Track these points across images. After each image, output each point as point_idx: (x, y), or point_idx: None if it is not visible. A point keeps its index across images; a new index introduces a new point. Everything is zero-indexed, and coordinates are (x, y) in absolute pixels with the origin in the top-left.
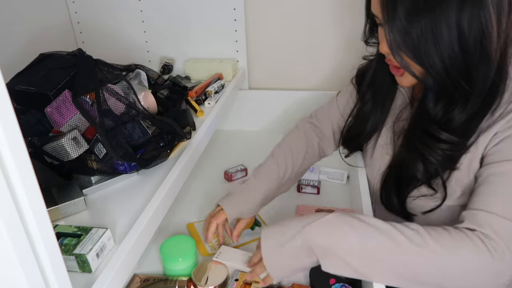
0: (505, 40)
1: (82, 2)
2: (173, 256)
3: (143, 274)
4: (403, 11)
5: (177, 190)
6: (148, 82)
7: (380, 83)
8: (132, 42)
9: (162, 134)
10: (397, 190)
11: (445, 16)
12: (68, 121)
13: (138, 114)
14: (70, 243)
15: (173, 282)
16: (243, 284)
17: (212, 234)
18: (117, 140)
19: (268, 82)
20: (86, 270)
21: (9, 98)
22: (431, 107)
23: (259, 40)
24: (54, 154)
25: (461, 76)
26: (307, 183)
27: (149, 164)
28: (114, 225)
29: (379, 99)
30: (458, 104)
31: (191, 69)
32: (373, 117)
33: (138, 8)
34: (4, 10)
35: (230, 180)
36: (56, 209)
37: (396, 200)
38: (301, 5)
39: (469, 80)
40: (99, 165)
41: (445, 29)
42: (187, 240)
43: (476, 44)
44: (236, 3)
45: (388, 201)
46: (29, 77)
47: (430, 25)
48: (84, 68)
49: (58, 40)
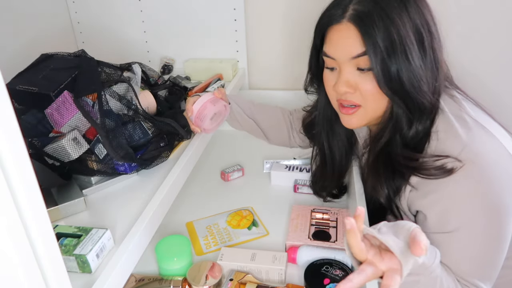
0: (443, 73)
1: (82, 2)
2: (168, 256)
3: (138, 273)
4: (383, 47)
5: (177, 190)
6: (148, 82)
7: (331, 131)
8: (132, 42)
9: (162, 135)
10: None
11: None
12: (68, 122)
13: (138, 115)
14: (70, 243)
15: (168, 282)
16: (237, 283)
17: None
18: (118, 141)
19: (268, 82)
20: (86, 271)
21: (10, 98)
22: (406, 129)
23: (259, 40)
24: (55, 155)
25: (424, 96)
26: (303, 183)
27: (149, 165)
28: (114, 226)
29: (336, 146)
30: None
31: (191, 69)
32: (334, 164)
33: (138, 8)
34: (5, 10)
35: (227, 180)
36: (56, 209)
37: None
38: (301, 5)
39: (428, 99)
40: (99, 165)
41: (416, 61)
42: (182, 240)
43: (433, 69)
44: (236, 3)
45: None
46: (30, 77)
47: (405, 58)
48: (87, 69)
49: (58, 40)
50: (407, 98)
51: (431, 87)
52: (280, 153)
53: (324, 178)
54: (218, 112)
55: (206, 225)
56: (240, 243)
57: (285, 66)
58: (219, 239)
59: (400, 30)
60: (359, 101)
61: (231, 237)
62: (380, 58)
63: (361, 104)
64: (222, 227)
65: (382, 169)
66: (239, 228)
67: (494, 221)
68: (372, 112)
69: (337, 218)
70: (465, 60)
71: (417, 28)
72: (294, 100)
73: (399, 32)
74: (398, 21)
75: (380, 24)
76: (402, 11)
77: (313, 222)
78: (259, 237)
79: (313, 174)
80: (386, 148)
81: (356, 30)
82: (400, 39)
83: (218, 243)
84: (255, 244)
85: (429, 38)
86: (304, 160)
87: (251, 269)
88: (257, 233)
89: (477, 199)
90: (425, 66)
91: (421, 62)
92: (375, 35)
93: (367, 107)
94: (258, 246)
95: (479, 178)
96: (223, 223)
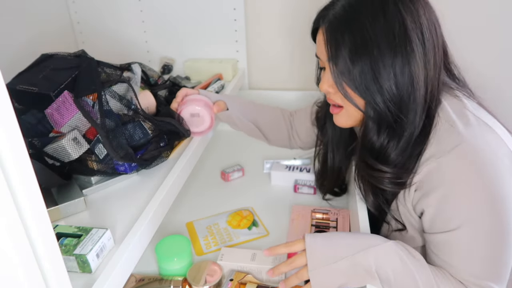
0: (432, 90)
1: (82, 2)
2: (168, 256)
3: (138, 274)
4: (346, 51)
5: (177, 190)
6: (148, 82)
7: (331, 127)
8: (132, 42)
9: (162, 135)
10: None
11: (382, 58)
12: (68, 122)
13: (138, 115)
14: (70, 243)
15: (168, 282)
16: (237, 283)
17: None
18: (118, 141)
19: (268, 82)
20: (86, 271)
21: (10, 98)
22: (374, 138)
23: (259, 40)
24: (55, 155)
25: (399, 110)
26: (303, 183)
27: (149, 165)
28: (114, 226)
29: (335, 144)
30: (395, 137)
31: (191, 69)
32: (334, 162)
33: (138, 8)
34: (5, 11)
35: (227, 180)
36: (56, 209)
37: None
38: (301, 5)
39: (405, 115)
40: (99, 165)
41: (382, 69)
42: (182, 240)
43: (408, 85)
44: (236, 3)
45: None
46: (31, 77)
47: (370, 64)
48: (87, 69)
49: (58, 40)
50: (375, 106)
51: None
52: (280, 153)
53: (325, 175)
54: (202, 116)
55: (206, 225)
56: (240, 243)
57: (284, 66)
58: (219, 239)
59: (368, 34)
60: (341, 102)
61: (231, 237)
62: (342, 63)
63: (342, 105)
64: (222, 227)
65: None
66: (239, 228)
67: (499, 215)
68: (355, 113)
69: (337, 218)
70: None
71: (395, 32)
72: (294, 100)
73: (364, 36)
74: (368, 25)
75: (346, 29)
76: (377, 14)
77: (313, 222)
78: (259, 237)
79: (316, 170)
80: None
81: (325, 34)
82: (366, 43)
83: (218, 243)
84: (255, 244)
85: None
86: (304, 160)
87: (251, 269)
88: (257, 233)
89: (479, 193)
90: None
91: (395, 70)
92: (339, 40)
93: (348, 108)
94: (258, 246)
95: (481, 172)
96: (223, 223)
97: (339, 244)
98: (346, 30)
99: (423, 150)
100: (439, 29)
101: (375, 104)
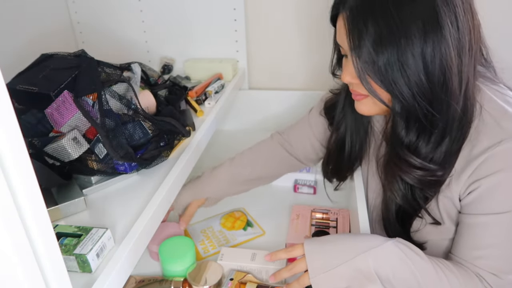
0: (467, 80)
1: (82, 2)
2: (172, 257)
3: (138, 275)
4: (370, 41)
5: (177, 190)
6: (148, 82)
7: (352, 114)
8: (132, 42)
9: (162, 134)
10: (399, 222)
11: (410, 47)
12: (68, 121)
13: (138, 115)
14: (70, 243)
15: (169, 283)
16: (238, 283)
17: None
18: (118, 141)
19: (268, 82)
20: (86, 270)
21: (10, 98)
22: (403, 134)
23: (259, 40)
24: (54, 154)
25: (430, 104)
26: (303, 183)
27: (149, 164)
28: (114, 225)
29: (354, 130)
30: (426, 133)
31: (191, 69)
32: (352, 148)
33: (138, 8)
34: (4, 10)
35: None
36: (56, 209)
37: (401, 230)
38: (301, 5)
39: (436, 110)
40: (99, 165)
41: (411, 59)
42: (186, 241)
43: (439, 76)
44: (236, 3)
45: (393, 231)
46: (31, 77)
47: (397, 54)
48: (87, 69)
49: (58, 40)
50: (402, 100)
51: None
52: None
53: (340, 162)
54: None
55: (201, 229)
56: (238, 244)
57: (285, 66)
58: (216, 242)
59: (393, 21)
60: (365, 92)
61: (228, 239)
62: (366, 54)
63: (368, 94)
64: (216, 230)
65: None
66: (234, 230)
67: None
68: (380, 103)
69: (337, 218)
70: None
71: (424, 17)
72: (294, 100)
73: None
74: (393, 11)
75: (368, 17)
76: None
77: (313, 222)
78: (256, 237)
79: (327, 157)
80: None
81: (346, 23)
82: (392, 32)
83: (216, 246)
84: (255, 245)
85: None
86: None
87: (251, 269)
88: (253, 233)
89: None
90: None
91: (425, 60)
92: (362, 30)
93: (374, 98)
94: (257, 246)
95: None
96: (217, 225)
97: (338, 249)
98: (369, 18)
99: (464, 145)
100: (474, 7)
101: (403, 98)
